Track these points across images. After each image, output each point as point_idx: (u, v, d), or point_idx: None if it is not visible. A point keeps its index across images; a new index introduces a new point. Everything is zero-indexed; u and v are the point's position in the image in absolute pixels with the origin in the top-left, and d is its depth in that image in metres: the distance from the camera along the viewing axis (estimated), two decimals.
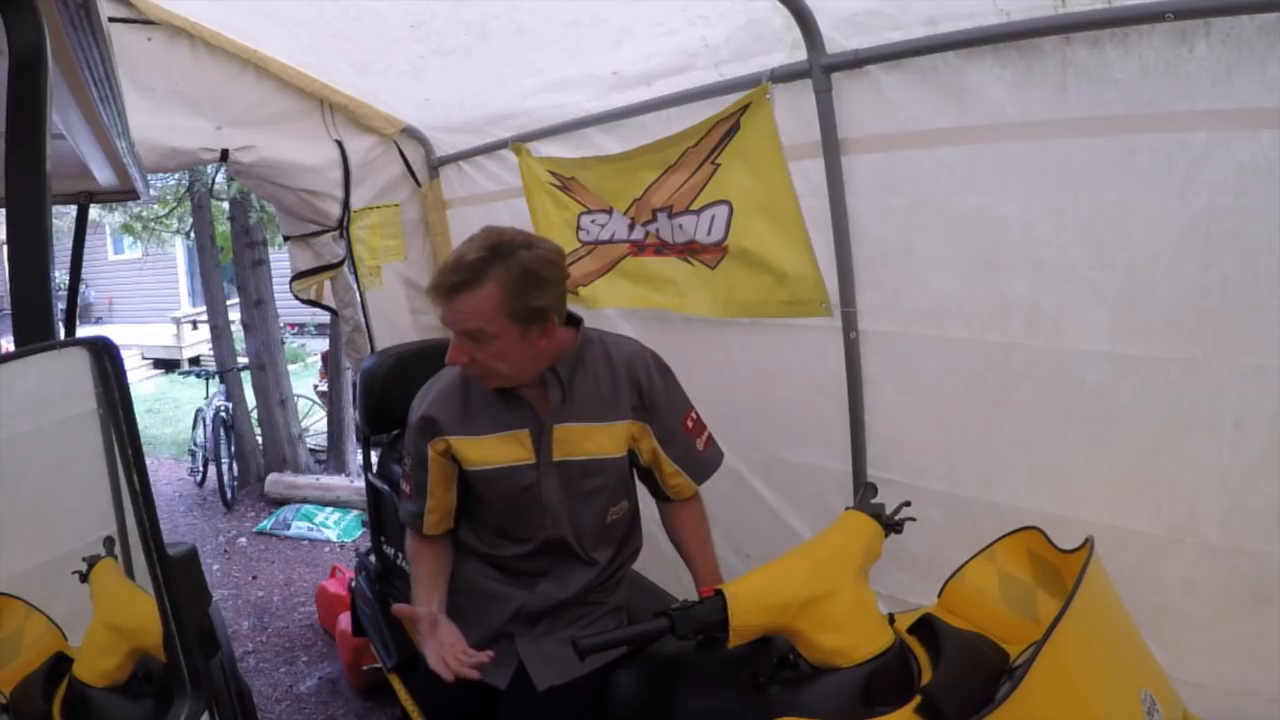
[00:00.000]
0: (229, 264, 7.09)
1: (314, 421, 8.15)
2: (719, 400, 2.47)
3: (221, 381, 7.01)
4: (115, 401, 0.78)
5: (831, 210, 1.94)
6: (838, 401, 2.08)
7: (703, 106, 2.15)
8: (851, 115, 1.86)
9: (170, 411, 9.64)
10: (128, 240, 13.88)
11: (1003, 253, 1.68)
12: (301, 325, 13.69)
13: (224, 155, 3.05)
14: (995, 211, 1.67)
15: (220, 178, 6.48)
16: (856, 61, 1.77)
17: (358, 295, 3.71)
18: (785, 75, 1.91)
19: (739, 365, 2.40)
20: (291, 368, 7.99)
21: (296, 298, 3.77)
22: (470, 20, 2.22)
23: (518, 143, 2.91)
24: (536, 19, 2.14)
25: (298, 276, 3.68)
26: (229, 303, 7.31)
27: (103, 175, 2.18)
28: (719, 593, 1.40)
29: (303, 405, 7.63)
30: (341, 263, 3.64)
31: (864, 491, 1.82)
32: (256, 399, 6.87)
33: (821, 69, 1.82)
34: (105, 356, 0.76)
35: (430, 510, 1.81)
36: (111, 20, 2.66)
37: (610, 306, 2.76)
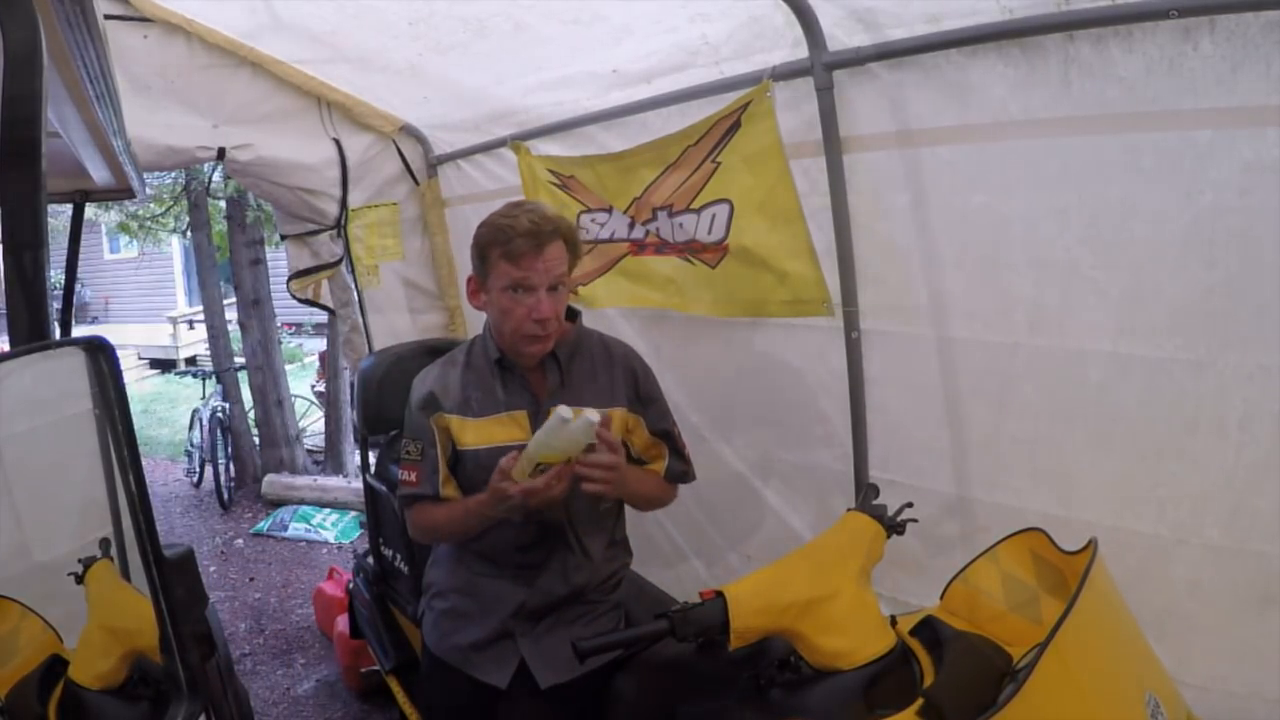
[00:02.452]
0: (226, 263, 7.09)
1: (311, 422, 8.15)
2: (719, 400, 2.48)
3: (218, 382, 7.02)
4: (111, 402, 0.78)
5: (833, 209, 1.93)
6: (839, 402, 2.08)
7: (703, 104, 2.15)
8: (854, 113, 1.86)
9: (166, 412, 9.64)
10: (124, 239, 13.87)
11: (1005, 252, 1.68)
12: (299, 325, 13.68)
13: (221, 153, 3.05)
14: (998, 210, 1.67)
15: (217, 176, 6.48)
16: (858, 59, 1.76)
17: (355, 294, 3.71)
18: (787, 73, 1.90)
19: (740, 365, 2.40)
20: (289, 368, 7.98)
21: (294, 297, 3.77)
22: (469, 17, 2.22)
23: (517, 141, 2.91)
24: (535, 16, 2.14)
25: (295, 276, 3.68)
26: (226, 302, 7.31)
27: (98, 174, 2.18)
28: (719, 594, 1.40)
29: (300, 406, 7.64)
30: (339, 262, 3.64)
31: (865, 493, 1.82)
32: (254, 399, 6.87)
33: (823, 66, 1.82)
34: (101, 356, 0.76)
35: (443, 481, 1.80)
36: (107, 17, 2.66)
37: (610, 306, 2.76)
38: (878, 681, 1.31)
